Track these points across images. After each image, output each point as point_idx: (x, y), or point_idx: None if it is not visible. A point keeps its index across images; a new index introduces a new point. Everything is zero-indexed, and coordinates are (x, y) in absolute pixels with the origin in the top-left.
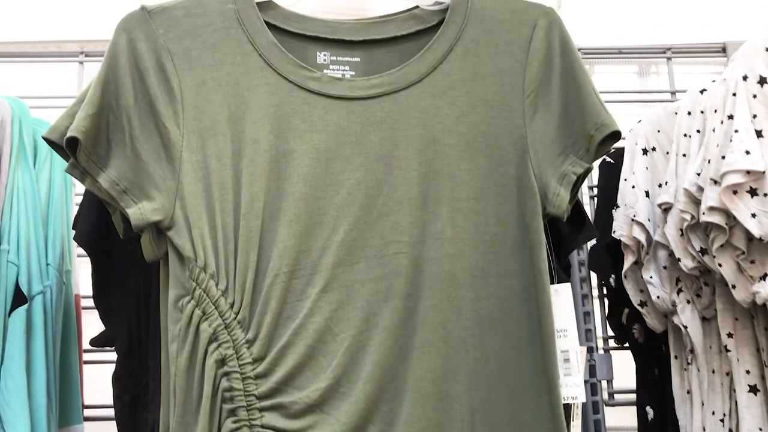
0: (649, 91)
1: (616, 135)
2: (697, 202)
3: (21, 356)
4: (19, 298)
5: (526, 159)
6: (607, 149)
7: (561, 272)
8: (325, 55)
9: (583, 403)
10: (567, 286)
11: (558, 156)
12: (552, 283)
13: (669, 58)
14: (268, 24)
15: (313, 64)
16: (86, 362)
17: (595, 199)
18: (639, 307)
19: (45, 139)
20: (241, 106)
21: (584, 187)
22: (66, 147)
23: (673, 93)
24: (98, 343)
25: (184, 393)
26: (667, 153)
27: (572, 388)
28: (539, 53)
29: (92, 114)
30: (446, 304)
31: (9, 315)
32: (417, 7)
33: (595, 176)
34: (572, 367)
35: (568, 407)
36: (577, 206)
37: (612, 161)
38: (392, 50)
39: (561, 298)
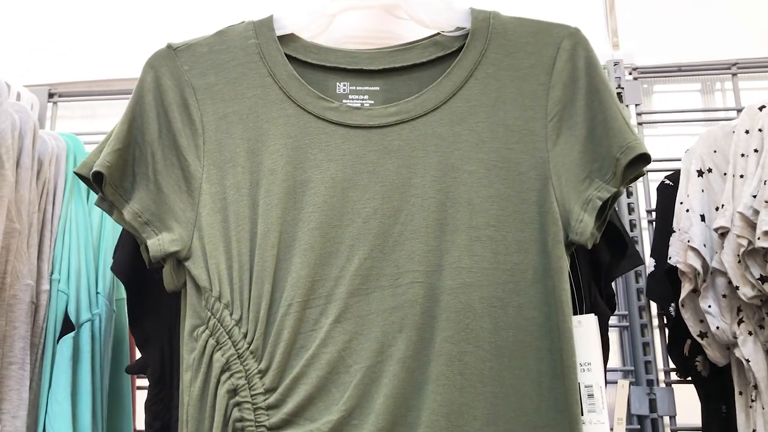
0: (713, 109)
1: (644, 158)
2: (753, 226)
3: (67, 382)
4: (68, 326)
5: (548, 185)
6: (636, 173)
7: (602, 302)
8: (344, 85)
9: None
10: (591, 317)
11: (582, 181)
12: (576, 313)
13: (734, 74)
14: (289, 57)
15: (332, 94)
16: (140, 388)
17: (654, 223)
18: (699, 339)
19: (76, 173)
20: (261, 138)
21: (642, 211)
22: (93, 181)
23: (739, 111)
24: (134, 370)
25: (196, 423)
26: (725, 174)
27: (596, 426)
28: (563, 75)
29: (118, 149)
30: (463, 335)
31: (57, 342)
32: (439, 33)
33: (653, 199)
34: (596, 403)
35: None
36: (616, 231)
37: (671, 183)
38: (412, 78)
39: (585, 329)
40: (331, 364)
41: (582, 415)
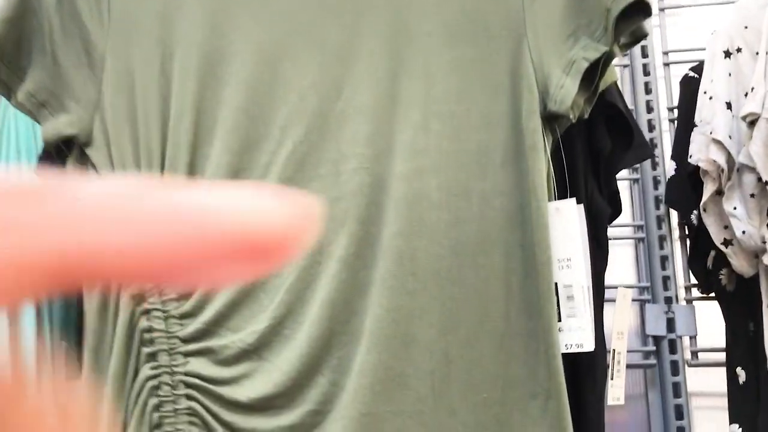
0: None
1: (642, 7)
2: None
3: None
4: None
5: (523, 45)
6: (632, 29)
7: (601, 199)
8: None
9: (660, 364)
10: (572, 203)
11: (566, 39)
12: (553, 199)
13: None
14: None
15: None
16: None
17: (676, 122)
18: (723, 247)
19: None
20: (175, 1)
21: (663, 109)
22: None
23: None
24: None
25: (97, 337)
26: (757, 54)
27: (576, 333)
28: None
29: (8, 18)
30: (415, 229)
31: None
32: None
33: (675, 96)
34: (577, 306)
35: (603, 362)
36: (620, 116)
37: (695, 76)
38: None
39: (564, 218)
40: None
41: (559, 320)
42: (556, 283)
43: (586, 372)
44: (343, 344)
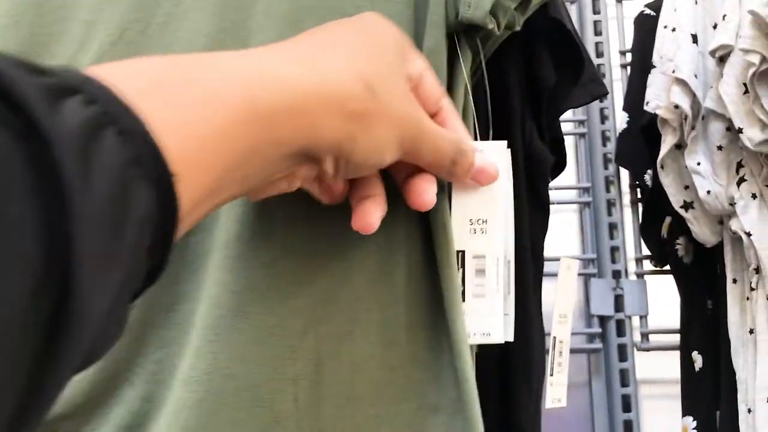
0: None
1: None
2: None
3: None
4: None
5: None
6: None
7: (542, 145)
8: None
9: (605, 348)
10: (499, 146)
11: None
12: (475, 139)
13: None
14: None
15: None
16: None
17: (629, 68)
18: (682, 211)
19: None
20: None
21: (614, 52)
22: None
23: None
24: None
25: None
26: None
27: (486, 320)
28: None
29: None
30: None
31: None
32: None
33: (628, 38)
34: (489, 282)
35: (542, 354)
36: (569, 40)
37: (653, 13)
38: None
39: None
40: None
41: (461, 305)
42: (463, 252)
43: (520, 367)
44: (163, 341)
